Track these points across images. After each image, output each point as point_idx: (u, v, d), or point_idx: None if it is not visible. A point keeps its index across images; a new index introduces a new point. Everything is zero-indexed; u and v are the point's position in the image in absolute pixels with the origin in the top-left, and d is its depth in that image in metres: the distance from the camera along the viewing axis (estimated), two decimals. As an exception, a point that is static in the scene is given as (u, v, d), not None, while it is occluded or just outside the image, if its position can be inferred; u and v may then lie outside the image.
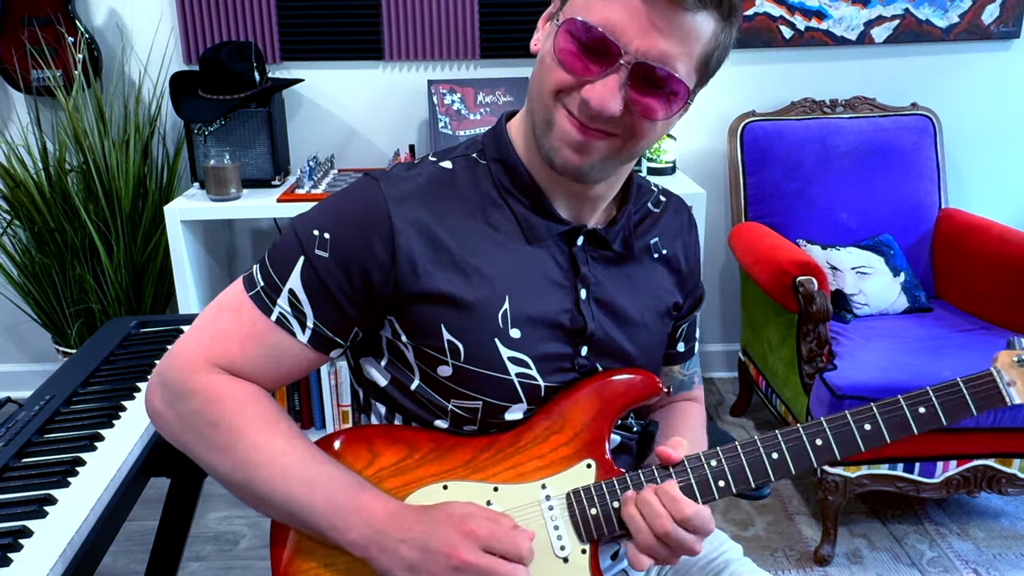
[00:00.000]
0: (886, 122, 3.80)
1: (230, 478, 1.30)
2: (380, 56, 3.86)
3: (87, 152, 3.57)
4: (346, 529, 1.24)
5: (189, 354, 1.32)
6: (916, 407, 1.30)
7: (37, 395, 1.87)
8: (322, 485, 1.26)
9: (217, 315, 1.35)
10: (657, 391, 1.42)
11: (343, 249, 1.27)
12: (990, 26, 3.91)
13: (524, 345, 1.34)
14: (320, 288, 1.29)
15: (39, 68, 3.62)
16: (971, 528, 3.18)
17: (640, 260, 1.48)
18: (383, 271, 1.28)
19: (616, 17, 1.17)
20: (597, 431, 1.37)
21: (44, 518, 1.44)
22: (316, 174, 3.56)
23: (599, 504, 1.31)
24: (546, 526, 1.31)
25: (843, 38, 3.92)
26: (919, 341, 3.14)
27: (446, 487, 1.33)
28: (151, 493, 1.83)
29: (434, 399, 1.37)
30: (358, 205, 1.30)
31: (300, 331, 1.31)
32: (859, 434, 1.30)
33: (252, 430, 1.28)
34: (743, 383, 3.93)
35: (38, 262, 3.70)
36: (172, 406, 1.32)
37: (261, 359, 1.32)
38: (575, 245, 1.39)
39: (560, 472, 1.35)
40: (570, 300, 1.38)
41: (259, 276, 1.33)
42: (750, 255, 3.36)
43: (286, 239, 1.32)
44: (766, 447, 1.31)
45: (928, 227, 3.73)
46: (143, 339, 2.19)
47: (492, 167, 1.37)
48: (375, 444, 1.37)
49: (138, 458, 1.66)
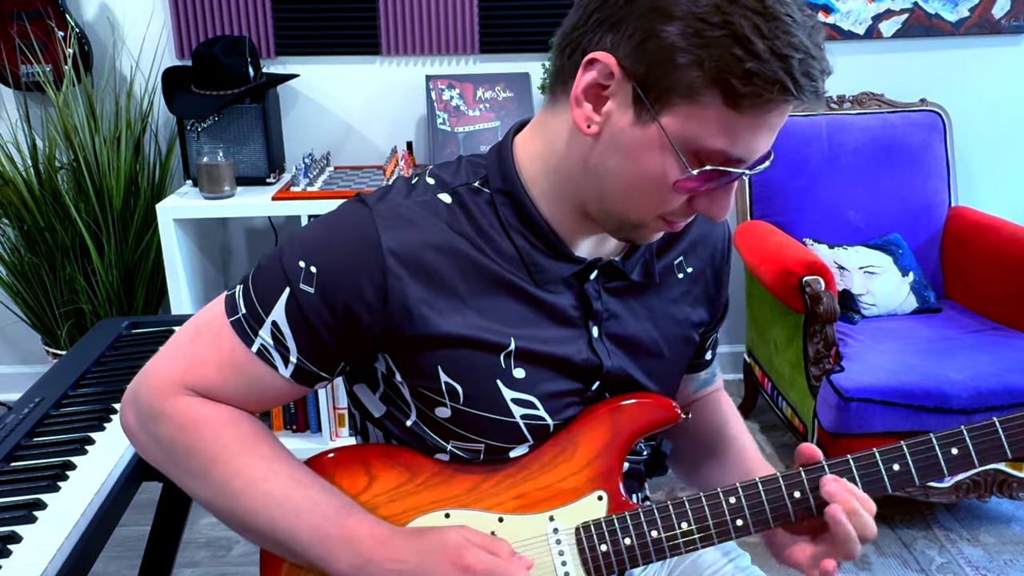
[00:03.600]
0: (894, 118, 3.78)
1: (211, 504, 1.25)
2: (377, 51, 3.85)
3: (77, 149, 3.55)
4: (333, 559, 1.20)
5: (163, 375, 1.26)
6: (949, 448, 1.27)
7: (26, 397, 1.84)
8: (306, 511, 1.21)
9: (196, 337, 1.28)
10: (674, 418, 1.36)
11: (331, 287, 1.19)
12: (1001, 20, 3.91)
13: (529, 386, 1.28)
14: (304, 323, 1.21)
15: (28, 63, 3.60)
16: (981, 534, 3.15)
17: (662, 284, 1.39)
18: (372, 313, 1.20)
19: (753, 143, 1.10)
20: (609, 461, 1.32)
21: (33, 523, 1.42)
22: (312, 171, 3.55)
23: (610, 540, 1.27)
24: (553, 562, 1.28)
25: (851, 32, 3.92)
26: (928, 342, 3.14)
27: (448, 515, 1.29)
28: (143, 498, 1.80)
29: (432, 438, 1.31)
30: (348, 239, 1.21)
31: (282, 365, 1.24)
32: (887, 476, 1.27)
33: (230, 456, 1.23)
34: (748, 385, 3.92)
35: (27, 262, 3.69)
36: (145, 428, 1.27)
37: (240, 387, 1.26)
38: (588, 280, 1.30)
39: (569, 503, 1.30)
40: (583, 339, 1.31)
41: (242, 302, 1.25)
42: (756, 254, 3.35)
43: (272, 266, 1.24)
44: (788, 486, 1.28)
45: (937, 226, 3.72)
46: (135, 340, 2.17)
47: (496, 199, 1.26)
48: (373, 466, 1.32)
49: (129, 462, 1.64)
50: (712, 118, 1.07)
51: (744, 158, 1.11)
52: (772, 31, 1.02)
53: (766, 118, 1.08)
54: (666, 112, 1.08)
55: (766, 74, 1.03)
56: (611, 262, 1.31)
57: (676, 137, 1.09)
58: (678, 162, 1.11)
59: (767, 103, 1.05)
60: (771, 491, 1.27)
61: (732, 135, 1.08)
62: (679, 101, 1.07)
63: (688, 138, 1.09)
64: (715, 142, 1.08)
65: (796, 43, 1.03)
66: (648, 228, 1.22)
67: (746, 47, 1.02)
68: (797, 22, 1.04)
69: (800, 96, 1.05)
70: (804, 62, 1.04)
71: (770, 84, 1.03)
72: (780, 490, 1.27)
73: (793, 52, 1.03)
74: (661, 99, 1.08)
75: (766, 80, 1.03)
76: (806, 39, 1.04)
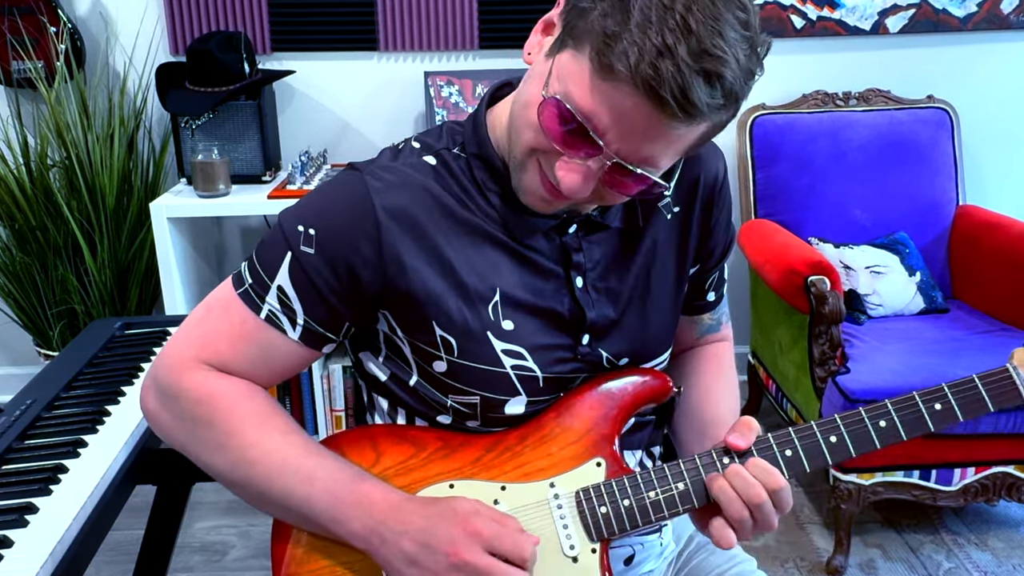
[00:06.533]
0: (901, 115, 3.78)
1: (228, 476, 1.31)
2: (375, 47, 3.85)
3: (70, 146, 3.56)
4: (347, 520, 1.25)
5: (179, 354, 1.33)
6: (932, 404, 1.31)
7: (18, 399, 1.84)
8: (320, 478, 1.26)
9: (207, 314, 1.36)
10: (667, 393, 1.43)
11: (329, 246, 1.27)
12: (1009, 15, 3.91)
13: (518, 337, 1.33)
14: (308, 284, 1.28)
15: (20, 59, 3.61)
16: (990, 538, 3.15)
17: (648, 226, 1.41)
18: (370, 268, 1.27)
19: (602, 114, 1.11)
20: (606, 430, 1.37)
21: (25, 527, 1.42)
22: (308, 169, 3.55)
23: (609, 502, 1.31)
24: (555, 525, 1.31)
25: (856, 28, 3.91)
26: (935, 343, 3.13)
27: (452, 486, 1.33)
28: (137, 501, 1.83)
29: (433, 395, 1.37)
30: (342, 200, 1.29)
31: (291, 328, 1.31)
32: (874, 431, 1.31)
33: (247, 427, 1.29)
34: (752, 386, 3.91)
35: (19, 261, 3.69)
36: (165, 407, 1.33)
37: (252, 357, 1.33)
38: (567, 233, 1.36)
39: (569, 471, 1.35)
40: (565, 289, 1.36)
41: (247, 274, 1.33)
42: (760, 254, 3.33)
43: (273, 235, 1.31)
44: (779, 444, 1.32)
45: (945, 225, 3.71)
46: (128, 341, 2.17)
47: (472, 162, 1.34)
48: (380, 443, 1.37)
49: (123, 465, 1.64)
50: (584, 73, 1.10)
51: (604, 135, 1.12)
52: (659, 23, 1.03)
53: (623, 106, 1.08)
54: (565, 50, 1.13)
55: (624, 59, 1.05)
56: (588, 215, 1.35)
57: (558, 74, 1.14)
58: (547, 88, 1.15)
59: (620, 88, 1.07)
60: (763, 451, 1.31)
61: (595, 101, 1.10)
62: (572, 43, 1.12)
63: (565, 80, 1.13)
64: (583, 101, 1.11)
65: (672, 47, 1.03)
66: (526, 176, 1.24)
67: (625, 22, 1.05)
68: (693, 33, 1.03)
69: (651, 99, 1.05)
70: (665, 70, 1.03)
71: (623, 69, 1.05)
72: (772, 449, 1.32)
73: (660, 56, 1.03)
74: (565, 38, 1.14)
75: (622, 54, 1.05)
76: (687, 54, 1.03)
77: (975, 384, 1.31)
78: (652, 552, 1.53)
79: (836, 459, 1.31)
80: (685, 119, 1.07)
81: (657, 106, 1.05)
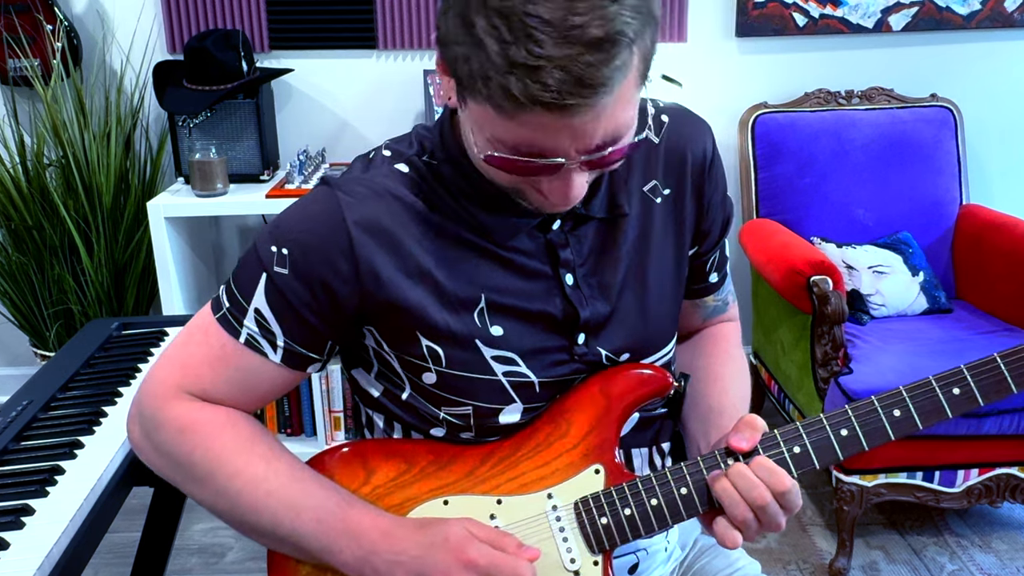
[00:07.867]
0: (904, 114, 3.77)
1: (215, 508, 1.30)
2: (373, 45, 3.84)
3: (66, 145, 3.56)
4: (338, 551, 1.24)
5: (159, 383, 1.32)
6: (950, 388, 1.25)
7: (14, 400, 1.84)
8: (308, 507, 1.25)
9: (187, 340, 1.34)
10: (667, 388, 1.38)
11: (303, 264, 1.25)
12: (1014, 13, 3.90)
13: (507, 342, 1.31)
14: (285, 305, 1.27)
15: (16, 57, 3.61)
16: (993, 540, 3.15)
17: (640, 213, 1.38)
18: (347, 283, 1.25)
19: (536, 139, 1.07)
20: (604, 434, 1.33)
21: (21, 529, 1.42)
22: (306, 168, 3.54)
23: (609, 512, 1.28)
24: (554, 538, 1.29)
25: (859, 26, 3.89)
26: (939, 343, 3.12)
27: (447, 502, 1.31)
28: (133, 503, 1.83)
29: (427, 408, 1.35)
30: (314, 217, 1.27)
31: (271, 351, 1.29)
32: (888, 422, 1.25)
33: (229, 457, 1.28)
34: (754, 387, 3.81)
35: (15, 261, 3.68)
36: (148, 437, 1.32)
37: (235, 382, 1.31)
38: (550, 231, 1.32)
39: (567, 480, 1.32)
40: (556, 289, 1.32)
41: (225, 298, 1.31)
42: (762, 253, 3.33)
43: (248, 258, 1.30)
44: (786, 441, 1.27)
45: (948, 224, 3.70)
46: (125, 341, 2.16)
47: (443, 168, 1.30)
48: (370, 460, 1.35)
49: (120, 466, 1.64)
50: (494, 117, 1.06)
51: (554, 151, 1.08)
52: (512, 37, 0.99)
53: (548, 125, 1.05)
54: (467, 98, 1.10)
55: (510, 93, 1.01)
56: (572, 208, 1.28)
57: (478, 123, 1.11)
58: (480, 142, 1.13)
59: (531, 115, 1.03)
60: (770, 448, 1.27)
61: (522, 135, 1.07)
62: (467, 93, 1.08)
63: (485, 128, 1.10)
64: (513, 139, 1.08)
65: (538, 53, 0.98)
66: (528, 198, 1.21)
67: (486, 56, 1.01)
68: (547, 21, 0.98)
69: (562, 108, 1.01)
70: (551, 78, 0.99)
71: (518, 102, 1.01)
72: (779, 447, 1.26)
73: (536, 70, 0.99)
74: (460, 88, 1.10)
75: (501, 89, 1.01)
76: (556, 47, 0.98)
77: (996, 364, 1.24)
78: (657, 559, 1.51)
79: (848, 453, 1.25)
80: (606, 91, 1.02)
81: (573, 108, 1.01)
